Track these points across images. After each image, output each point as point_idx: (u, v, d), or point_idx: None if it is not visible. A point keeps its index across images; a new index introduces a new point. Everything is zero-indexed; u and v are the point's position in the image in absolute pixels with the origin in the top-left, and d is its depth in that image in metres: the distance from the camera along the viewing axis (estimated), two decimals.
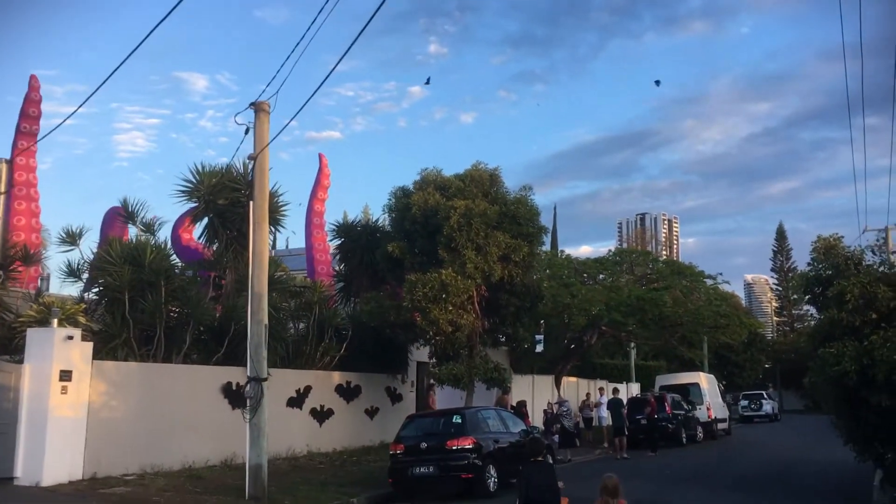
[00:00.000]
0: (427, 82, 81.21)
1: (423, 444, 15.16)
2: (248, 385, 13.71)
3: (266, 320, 13.93)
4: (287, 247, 57.72)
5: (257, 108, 14.29)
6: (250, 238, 14.09)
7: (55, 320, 14.22)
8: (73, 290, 20.44)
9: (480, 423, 16.07)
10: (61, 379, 14.02)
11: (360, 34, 9.92)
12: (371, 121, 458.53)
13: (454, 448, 14.85)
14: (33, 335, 14.30)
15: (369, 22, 9.82)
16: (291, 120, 13.87)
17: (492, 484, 15.04)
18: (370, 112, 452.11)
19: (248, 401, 13.70)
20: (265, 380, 13.80)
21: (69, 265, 17.73)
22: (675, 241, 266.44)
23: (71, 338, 14.21)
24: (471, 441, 14.94)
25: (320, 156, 28.61)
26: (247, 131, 14.30)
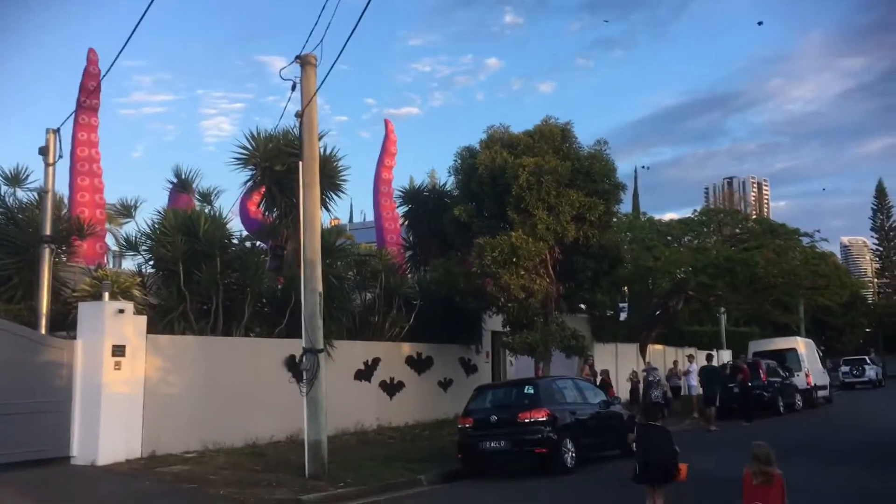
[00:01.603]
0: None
1: (494, 417, 14.07)
2: (304, 357, 12.90)
3: (320, 288, 13.03)
4: (363, 219, 57.45)
5: (303, 61, 13.30)
6: (300, 201, 13.20)
7: (106, 293, 13.68)
8: (133, 264, 20.07)
9: (555, 393, 14.83)
10: (114, 354, 13.49)
11: None
12: (449, 95, 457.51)
13: (527, 421, 13.69)
14: (85, 310, 13.81)
15: None
16: (333, 66, 12.96)
17: (569, 459, 13.81)
18: (448, 87, 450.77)
19: (303, 373, 12.90)
20: (321, 351, 12.96)
21: (126, 238, 17.29)
22: (766, 204, 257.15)
23: (122, 311, 13.65)
24: (545, 413, 13.73)
25: (386, 122, 27.60)
26: (293, 87, 13.36)
